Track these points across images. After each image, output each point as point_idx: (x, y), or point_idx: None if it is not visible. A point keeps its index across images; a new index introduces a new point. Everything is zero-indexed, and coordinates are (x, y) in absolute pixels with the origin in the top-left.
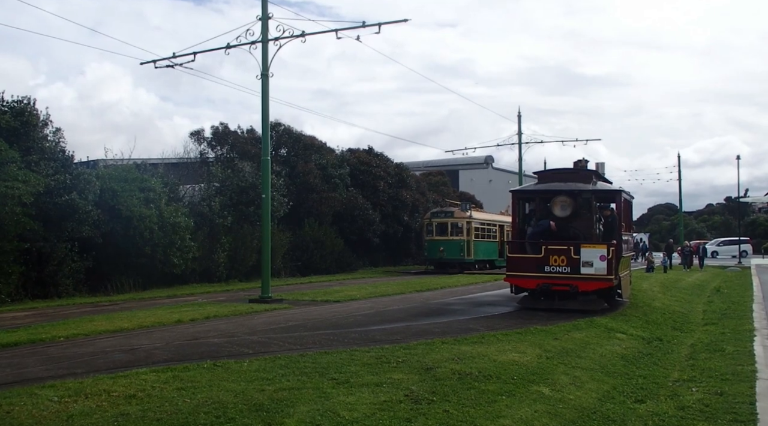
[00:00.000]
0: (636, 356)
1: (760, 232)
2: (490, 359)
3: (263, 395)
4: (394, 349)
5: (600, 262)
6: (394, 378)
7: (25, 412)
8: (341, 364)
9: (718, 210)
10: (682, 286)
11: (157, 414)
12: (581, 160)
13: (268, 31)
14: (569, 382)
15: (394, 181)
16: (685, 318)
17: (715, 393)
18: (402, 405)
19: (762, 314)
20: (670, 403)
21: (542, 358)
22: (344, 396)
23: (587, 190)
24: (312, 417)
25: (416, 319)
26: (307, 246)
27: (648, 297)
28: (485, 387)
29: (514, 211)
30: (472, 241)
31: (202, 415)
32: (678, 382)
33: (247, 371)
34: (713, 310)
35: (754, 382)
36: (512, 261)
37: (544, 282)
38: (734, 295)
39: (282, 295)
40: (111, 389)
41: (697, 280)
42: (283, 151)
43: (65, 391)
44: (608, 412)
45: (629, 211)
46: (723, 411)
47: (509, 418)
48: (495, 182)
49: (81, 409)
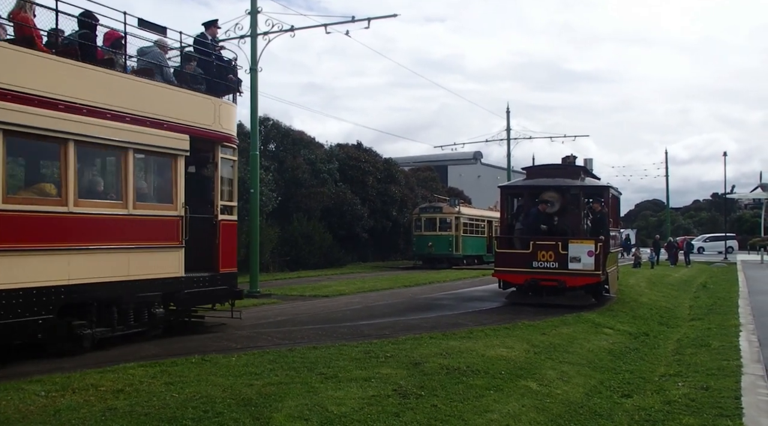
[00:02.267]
0: (623, 351)
1: (746, 228)
2: (478, 354)
3: (251, 390)
4: (383, 344)
5: (588, 257)
6: (383, 373)
7: (12, 407)
8: (330, 359)
9: (704, 206)
10: (669, 281)
11: (145, 409)
12: (569, 156)
13: (257, 25)
14: (557, 377)
15: (383, 177)
16: (672, 313)
17: (701, 388)
18: (390, 399)
19: (747, 310)
20: (657, 397)
21: (530, 353)
22: (332, 391)
23: (575, 186)
24: (300, 411)
25: (405, 314)
26: (295, 241)
27: (635, 292)
28: (473, 382)
29: (502, 207)
30: (461, 237)
31: (190, 410)
32: (664, 377)
33: (236, 366)
34: (699, 305)
35: (739, 377)
36: (500, 256)
37: (532, 277)
38: (720, 291)
39: (270, 289)
40: (98, 384)
41: (683, 275)
42: (272, 146)
43: (52, 386)
44: (595, 407)
45: (617, 207)
46: (709, 405)
47: (497, 412)
48: (484, 178)
49: (68, 404)
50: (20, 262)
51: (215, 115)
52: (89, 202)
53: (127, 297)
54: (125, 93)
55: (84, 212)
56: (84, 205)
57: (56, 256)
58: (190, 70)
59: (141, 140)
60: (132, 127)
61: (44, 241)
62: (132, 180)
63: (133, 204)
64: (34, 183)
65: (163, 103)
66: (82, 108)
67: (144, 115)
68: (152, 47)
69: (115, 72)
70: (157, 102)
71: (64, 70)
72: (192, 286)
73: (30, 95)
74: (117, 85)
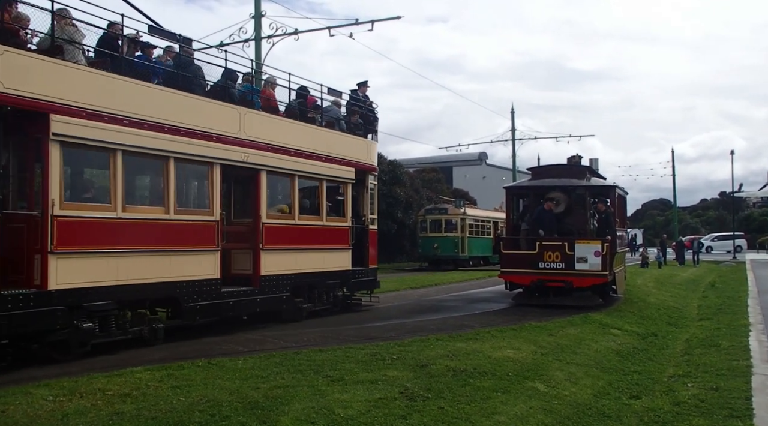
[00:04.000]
0: (631, 352)
1: (755, 227)
2: (485, 356)
3: (258, 393)
4: (389, 346)
5: (594, 257)
6: (389, 375)
7: (20, 411)
8: (336, 362)
9: (712, 205)
10: (677, 281)
11: (152, 412)
12: (575, 156)
13: (261, 29)
14: (564, 378)
15: (387, 178)
16: (680, 313)
17: (711, 388)
18: (397, 402)
19: (757, 309)
20: (666, 398)
21: (537, 355)
22: (339, 393)
23: (581, 186)
24: (307, 414)
25: (410, 315)
26: None
27: (643, 292)
28: (480, 384)
29: (508, 208)
30: (467, 238)
31: (197, 414)
32: (673, 378)
33: (242, 369)
34: (708, 305)
35: (749, 377)
36: (506, 257)
37: (539, 278)
38: (729, 290)
39: None
40: (106, 388)
41: (691, 275)
42: None
43: (60, 390)
44: (603, 408)
45: (623, 206)
46: (719, 406)
47: (504, 414)
48: (489, 179)
49: (76, 408)
50: (282, 258)
51: (367, 152)
52: (307, 217)
53: (323, 283)
54: (322, 141)
55: (304, 224)
56: (304, 219)
57: (290, 254)
58: (354, 120)
59: (329, 173)
60: (325, 164)
61: (288, 243)
62: (324, 201)
63: (326, 218)
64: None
65: (340, 146)
66: (301, 153)
67: (331, 155)
68: (332, 106)
69: (316, 126)
70: (337, 145)
71: (293, 127)
72: (355, 277)
73: (279, 147)
74: (318, 135)
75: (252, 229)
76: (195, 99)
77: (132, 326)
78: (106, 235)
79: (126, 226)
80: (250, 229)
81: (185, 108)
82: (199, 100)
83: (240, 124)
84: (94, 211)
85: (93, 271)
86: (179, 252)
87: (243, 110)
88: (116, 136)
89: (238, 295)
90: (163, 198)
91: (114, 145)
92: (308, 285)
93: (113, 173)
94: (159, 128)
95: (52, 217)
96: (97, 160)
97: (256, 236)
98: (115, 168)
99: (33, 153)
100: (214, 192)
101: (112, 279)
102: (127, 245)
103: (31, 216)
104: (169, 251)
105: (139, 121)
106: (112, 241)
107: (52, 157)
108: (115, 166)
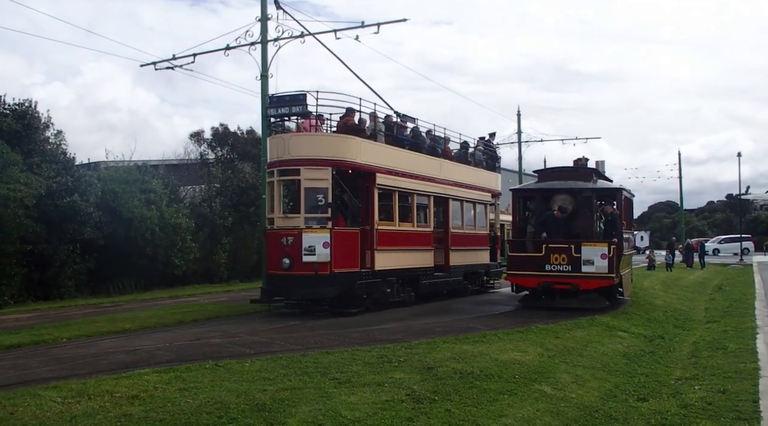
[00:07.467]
0: (638, 354)
1: (762, 229)
2: (492, 358)
3: (265, 395)
4: (396, 348)
5: (601, 260)
6: (396, 377)
7: (29, 413)
8: (343, 364)
9: (719, 207)
10: (684, 283)
11: (159, 414)
12: (581, 158)
13: (267, 32)
14: (571, 381)
15: None
16: (687, 316)
17: (718, 391)
18: (404, 404)
19: (764, 312)
20: (673, 401)
21: (544, 357)
22: (346, 396)
23: (588, 189)
24: (314, 417)
25: (417, 318)
26: None
27: (649, 295)
28: (487, 386)
29: (514, 210)
30: None
31: (205, 416)
32: (680, 381)
33: (249, 371)
34: (715, 307)
35: (757, 380)
36: (513, 260)
37: (545, 280)
38: (736, 293)
39: None
40: (114, 390)
41: (698, 277)
42: None
43: (68, 392)
44: (610, 411)
45: (630, 209)
46: (726, 409)
47: (511, 417)
48: None
49: (84, 410)
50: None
51: (496, 181)
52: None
53: (477, 271)
54: (475, 176)
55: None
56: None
57: (464, 252)
58: (487, 159)
59: (478, 198)
60: (477, 192)
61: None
62: (477, 216)
63: (478, 227)
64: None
65: (483, 179)
66: (465, 185)
67: (480, 185)
68: (476, 151)
69: (471, 166)
70: (482, 179)
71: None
72: (491, 269)
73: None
74: (473, 173)
75: (444, 236)
76: (424, 157)
77: (400, 293)
78: (392, 240)
79: (399, 234)
80: (443, 236)
81: (418, 162)
82: (425, 157)
83: (440, 169)
84: (388, 226)
85: (390, 260)
86: (418, 250)
87: (441, 160)
88: (396, 182)
89: (440, 278)
90: (408, 216)
91: (392, 188)
92: (472, 273)
93: (394, 204)
94: (409, 176)
95: (376, 230)
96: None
97: (447, 240)
98: (393, 200)
99: (365, 194)
100: (430, 213)
101: (396, 265)
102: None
103: (365, 229)
104: (414, 250)
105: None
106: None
107: (375, 197)
108: (393, 199)
